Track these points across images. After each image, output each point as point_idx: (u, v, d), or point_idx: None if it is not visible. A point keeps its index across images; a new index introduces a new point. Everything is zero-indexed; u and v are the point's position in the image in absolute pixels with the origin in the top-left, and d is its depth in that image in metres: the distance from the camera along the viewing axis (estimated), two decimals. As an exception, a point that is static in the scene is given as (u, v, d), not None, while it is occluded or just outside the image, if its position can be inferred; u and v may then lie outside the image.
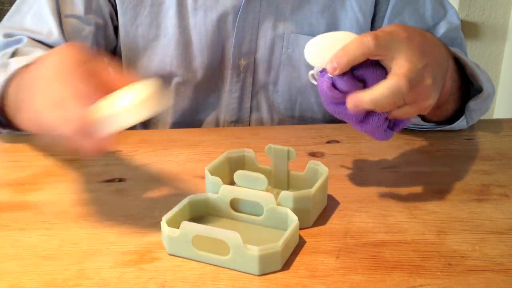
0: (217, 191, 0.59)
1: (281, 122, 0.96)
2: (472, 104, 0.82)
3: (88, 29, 0.88)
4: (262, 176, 0.58)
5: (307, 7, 0.89)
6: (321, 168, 0.63)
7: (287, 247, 0.53)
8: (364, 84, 0.59)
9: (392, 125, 0.63)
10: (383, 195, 0.66)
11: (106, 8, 0.88)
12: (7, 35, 0.85)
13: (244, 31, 0.88)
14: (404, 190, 0.68)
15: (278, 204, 0.58)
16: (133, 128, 0.96)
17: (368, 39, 0.56)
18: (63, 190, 0.68)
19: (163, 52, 0.89)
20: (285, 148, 0.64)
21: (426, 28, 0.92)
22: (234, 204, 0.60)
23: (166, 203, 0.64)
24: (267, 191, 0.58)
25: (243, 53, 0.90)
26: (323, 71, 0.60)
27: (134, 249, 0.55)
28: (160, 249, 0.55)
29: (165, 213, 0.56)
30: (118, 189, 0.68)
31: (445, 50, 0.70)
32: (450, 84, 0.75)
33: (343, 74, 0.58)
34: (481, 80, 0.80)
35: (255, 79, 0.93)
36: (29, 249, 0.55)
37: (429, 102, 0.61)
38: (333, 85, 0.58)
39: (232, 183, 0.62)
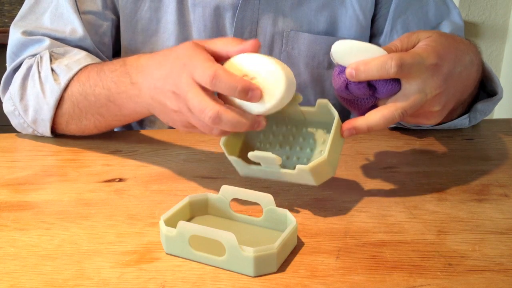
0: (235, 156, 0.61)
1: None
2: (480, 105, 0.82)
3: (106, 25, 0.88)
4: (271, 156, 0.58)
5: (307, 5, 0.89)
6: (332, 111, 0.62)
7: (283, 249, 0.53)
8: (374, 92, 0.62)
9: None
10: (383, 195, 0.66)
11: (117, 4, 0.88)
12: (27, 33, 0.84)
13: (243, 28, 0.88)
14: (404, 190, 0.68)
15: (297, 174, 0.58)
16: (132, 128, 0.96)
17: (391, 65, 0.58)
18: (62, 190, 0.67)
19: (163, 48, 0.89)
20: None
21: (430, 28, 0.92)
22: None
23: (166, 203, 0.64)
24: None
25: None
26: (342, 68, 0.62)
27: (134, 249, 0.55)
28: (160, 249, 0.55)
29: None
30: (118, 189, 0.68)
31: (476, 67, 0.70)
32: (466, 97, 0.75)
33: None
34: (496, 84, 0.80)
35: None
36: (28, 249, 0.55)
37: (430, 122, 0.65)
38: (346, 86, 0.61)
39: (243, 148, 0.65)
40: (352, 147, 0.80)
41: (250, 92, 0.57)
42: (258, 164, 0.61)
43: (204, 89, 0.58)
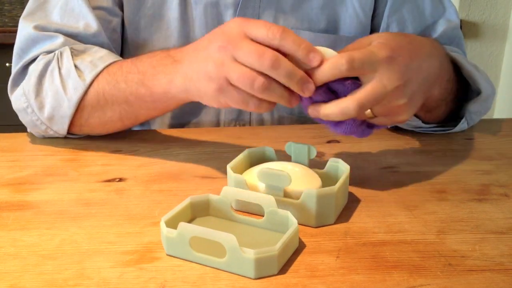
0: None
1: (280, 120, 0.96)
2: (472, 106, 0.82)
3: (116, 21, 0.87)
4: (285, 173, 0.58)
5: (307, 3, 0.89)
6: (342, 166, 0.64)
7: (284, 251, 0.52)
8: (336, 96, 0.62)
9: (372, 124, 0.65)
10: (383, 195, 0.66)
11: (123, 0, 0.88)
12: (39, 28, 0.81)
13: None
14: (404, 190, 0.68)
15: (302, 202, 0.58)
16: (132, 128, 0.96)
17: (342, 62, 0.58)
18: (63, 190, 0.68)
19: (165, 45, 0.89)
20: (306, 145, 0.65)
21: (425, 25, 0.92)
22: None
23: (166, 203, 0.64)
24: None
25: None
26: None
27: (134, 249, 0.55)
28: (160, 249, 0.55)
29: (165, 213, 0.56)
30: (118, 189, 0.68)
31: (437, 59, 0.70)
32: (439, 92, 0.75)
33: (318, 88, 0.60)
34: (479, 82, 0.80)
35: None
36: (29, 248, 0.55)
37: (402, 118, 0.64)
38: (311, 99, 0.61)
39: None
40: (352, 147, 0.80)
41: (312, 53, 0.58)
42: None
43: None
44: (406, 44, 0.64)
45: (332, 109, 0.60)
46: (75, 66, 0.76)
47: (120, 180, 0.70)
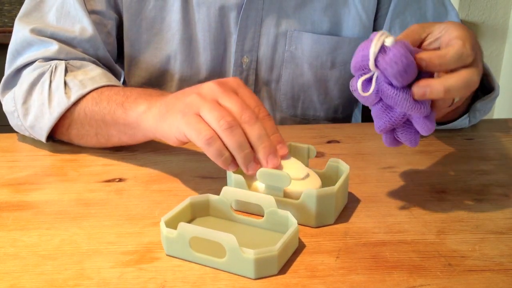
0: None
1: (283, 121, 0.96)
2: (479, 104, 0.82)
3: (111, 24, 0.87)
4: (285, 173, 0.58)
5: (310, 5, 0.89)
6: (342, 166, 0.64)
7: (284, 251, 0.52)
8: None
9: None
10: (383, 195, 0.66)
11: (120, 2, 0.87)
12: (36, 31, 0.81)
13: (247, 28, 0.89)
14: (404, 190, 0.68)
15: (302, 202, 0.58)
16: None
17: (469, 53, 0.55)
18: (62, 190, 0.68)
19: (167, 48, 0.89)
20: (305, 145, 0.65)
21: None
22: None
23: (166, 203, 0.64)
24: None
25: (245, 50, 0.90)
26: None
27: (134, 249, 0.55)
28: (160, 249, 0.55)
29: (165, 213, 0.56)
30: (118, 189, 0.68)
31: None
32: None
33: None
34: (493, 79, 0.80)
35: (258, 77, 0.93)
36: (28, 248, 0.55)
37: (460, 102, 0.61)
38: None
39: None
40: (352, 147, 0.80)
41: (281, 144, 0.62)
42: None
43: None
44: (472, 36, 0.60)
45: (454, 80, 0.54)
46: (65, 83, 0.77)
47: (120, 180, 0.70)
